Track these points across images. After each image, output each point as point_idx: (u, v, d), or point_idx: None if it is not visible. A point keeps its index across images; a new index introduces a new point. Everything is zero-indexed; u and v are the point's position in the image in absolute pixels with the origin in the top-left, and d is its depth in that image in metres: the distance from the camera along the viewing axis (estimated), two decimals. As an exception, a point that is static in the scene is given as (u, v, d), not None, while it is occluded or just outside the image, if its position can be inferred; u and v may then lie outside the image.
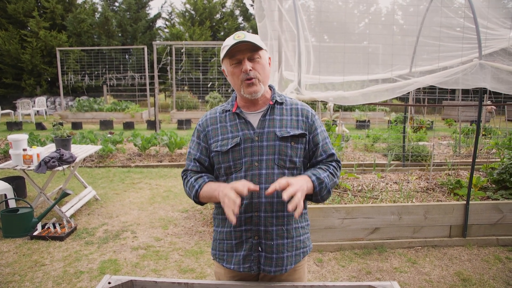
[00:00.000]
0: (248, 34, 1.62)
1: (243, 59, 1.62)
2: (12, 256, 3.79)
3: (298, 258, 1.75)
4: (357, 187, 4.87)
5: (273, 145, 1.66)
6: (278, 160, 1.66)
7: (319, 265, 3.66)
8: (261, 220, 1.66)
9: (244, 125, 1.69)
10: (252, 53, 1.62)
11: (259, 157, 1.65)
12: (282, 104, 1.74)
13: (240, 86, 1.65)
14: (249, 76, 1.62)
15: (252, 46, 1.60)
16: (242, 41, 1.58)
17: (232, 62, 1.64)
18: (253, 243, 1.68)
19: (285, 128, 1.68)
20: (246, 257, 1.69)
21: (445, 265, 3.68)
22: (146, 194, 5.77)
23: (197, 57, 17.38)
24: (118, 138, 8.52)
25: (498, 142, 7.25)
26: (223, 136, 1.70)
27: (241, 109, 1.73)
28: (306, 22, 4.63)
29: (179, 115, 14.53)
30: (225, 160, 1.68)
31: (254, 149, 1.66)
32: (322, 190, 1.64)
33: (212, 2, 20.77)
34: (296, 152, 1.69)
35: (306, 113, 1.75)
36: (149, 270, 3.54)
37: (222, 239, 1.75)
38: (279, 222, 1.67)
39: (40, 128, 12.26)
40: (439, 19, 4.57)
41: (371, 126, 12.51)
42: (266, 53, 1.70)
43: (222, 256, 1.76)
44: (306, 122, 1.73)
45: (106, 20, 18.88)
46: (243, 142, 1.66)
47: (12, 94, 17.72)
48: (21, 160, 4.48)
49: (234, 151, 1.66)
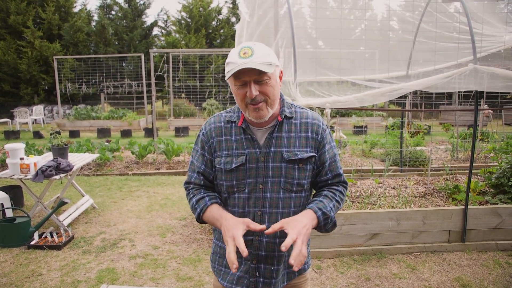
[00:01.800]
0: (257, 50, 1.43)
1: (249, 82, 1.45)
2: (9, 266, 3.76)
3: (292, 275, 1.68)
4: (355, 193, 4.86)
5: (279, 167, 1.54)
6: (285, 183, 1.55)
7: (317, 272, 3.64)
8: (262, 245, 1.57)
9: (250, 142, 1.56)
10: (260, 75, 1.44)
11: (264, 179, 1.55)
12: (291, 118, 1.60)
13: (246, 109, 1.52)
14: (255, 101, 1.47)
15: (259, 69, 1.42)
16: (246, 68, 1.40)
17: (237, 83, 1.47)
18: (250, 267, 1.60)
19: (292, 148, 1.56)
20: (240, 278, 1.62)
21: (444, 270, 3.67)
22: (144, 202, 5.75)
23: (194, 65, 17.43)
24: (115, 146, 8.50)
25: (496, 146, 7.26)
26: (227, 151, 1.58)
27: (247, 123, 1.58)
28: (302, 28, 4.65)
29: (176, 122, 14.53)
30: (228, 178, 1.57)
31: (259, 170, 1.55)
32: (327, 224, 1.54)
33: (207, 10, 20.85)
34: (304, 174, 1.57)
35: (316, 129, 1.60)
36: (147, 279, 3.51)
37: (222, 254, 1.67)
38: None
39: (37, 137, 12.24)
40: (434, 24, 4.61)
41: (369, 131, 12.53)
42: (277, 68, 1.52)
43: (220, 271, 1.70)
44: (315, 139, 1.59)
45: (102, 28, 18.91)
46: (248, 162, 1.55)
47: (10, 103, 17.69)
48: (18, 169, 4.45)
49: (238, 170, 1.55)
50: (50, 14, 17.96)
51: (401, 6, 5.60)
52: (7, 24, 17.44)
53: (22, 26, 17.47)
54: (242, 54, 1.42)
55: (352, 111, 14.73)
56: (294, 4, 4.73)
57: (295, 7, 4.72)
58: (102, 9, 20.66)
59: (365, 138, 9.31)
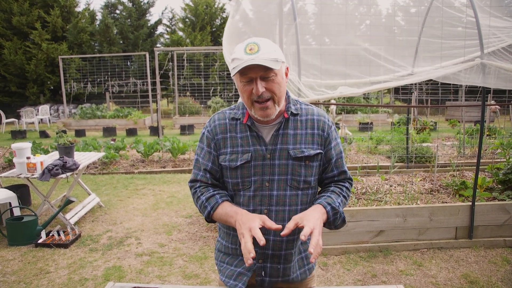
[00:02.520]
0: (263, 46, 1.41)
1: (255, 79, 1.43)
2: (18, 264, 3.79)
3: (304, 275, 1.67)
4: (361, 190, 4.85)
5: (286, 164, 1.53)
6: (291, 180, 1.53)
7: (324, 269, 3.63)
8: (269, 244, 1.54)
9: (256, 139, 1.54)
10: (266, 72, 1.42)
11: (271, 176, 1.53)
12: (297, 115, 1.58)
13: (251, 106, 1.49)
14: (262, 98, 1.45)
15: (266, 65, 1.40)
16: (253, 64, 1.38)
17: (243, 80, 1.45)
18: (256, 266, 1.58)
19: (299, 145, 1.54)
20: (240, 275, 1.59)
21: (451, 267, 3.64)
22: (150, 200, 5.76)
23: (199, 63, 17.44)
24: (121, 145, 8.54)
25: (503, 142, 7.20)
26: (232, 149, 1.56)
27: (253, 120, 1.56)
28: (306, 25, 4.63)
29: (181, 120, 14.56)
30: (233, 176, 1.56)
31: (265, 167, 1.53)
32: (336, 220, 1.52)
33: (213, 7, 20.86)
34: (311, 171, 1.56)
35: (322, 125, 1.59)
36: (153, 277, 3.53)
37: (224, 251, 1.68)
38: (289, 246, 1.57)
39: (43, 136, 12.32)
40: (440, 19, 4.56)
41: (374, 128, 12.47)
42: (283, 65, 1.50)
43: (221, 267, 1.69)
44: (321, 135, 1.58)
45: (106, 27, 18.97)
46: (253, 159, 1.53)
47: (16, 103, 17.82)
48: (25, 168, 4.49)
49: (244, 167, 1.53)
50: (55, 18, 18.05)
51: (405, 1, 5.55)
52: (11, 25, 17.56)
53: (27, 27, 17.57)
54: (248, 50, 1.40)
55: (357, 108, 14.67)
56: (298, 0, 4.71)
57: (299, 4, 4.69)
58: (106, 8, 20.73)
59: (371, 135, 9.27)
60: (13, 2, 17.33)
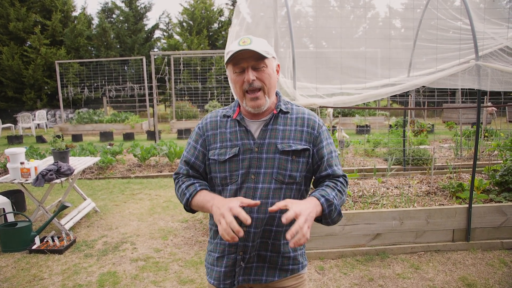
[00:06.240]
0: (255, 40, 1.51)
1: (246, 68, 1.51)
2: (11, 270, 3.75)
3: (284, 273, 1.65)
4: (357, 193, 4.82)
5: (273, 158, 1.55)
6: (277, 174, 1.55)
7: (320, 273, 3.60)
8: (249, 236, 1.56)
9: (244, 134, 1.59)
10: (257, 61, 1.51)
11: (257, 169, 1.56)
12: (287, 113, 1.63)
13: (243, 97, 1.56)
14: (252, 87, 1.52)
15: (257, 54, 1.49)
16: (245, 49, 1.47)
17: (236, 70, 1.54)
18: (236, 259, 1.60)
19: (287, 140, 1.57)
20: (227, 273, 1.61)
21: (449, 270, 3.62)
22: (146, 204, 5.73)
23: (196, 67, 17.44)
24: (118, 149, 8.51)
25: (500, 143, 7.20)
26: (221, 144, 1.60)
27: (242, 116, 1.63)
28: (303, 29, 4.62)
29: (178, 124, 14.54)
30: (222, 170, 1.59)
31: (252, 160, 1.56)
32: (332, 212, 1.50)
33: (211, 11, 20.89)
34: (297, 166, 1.57)
35: (312, 124, 1.62)
36: (148, 282, 3.49)
37: (210, 250, 1.70)
38: (265, 235, 1.59)
39: (40, 141, 12.27)
40: (435, 22, 4.57)
41: (371, 131, 12.47)
42: (274, 60, 1.59)
43: (208, 269, 1.70)
44: (311, 133, 1.61)
45: (103, 31, 18.98)
46: (241, 152, 1.57)
47: (13, 108, 17.79)
48: (19, 173, 4.45)
49: (232, 161, 1.57)
50: (56, 22, 18.05)
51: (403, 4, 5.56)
52: (8, 31, 17.54)
53: (23, 32, 17.56)
54: (242, 43, 1.50)
55: (355, 111, 14.68)
56: (294, 4, 4.71)
57: (296, 7, 4.70)
58: (103, 12, 20.73)
59: (368, 138, 9.26)
60: (10, 8, 17.33)
